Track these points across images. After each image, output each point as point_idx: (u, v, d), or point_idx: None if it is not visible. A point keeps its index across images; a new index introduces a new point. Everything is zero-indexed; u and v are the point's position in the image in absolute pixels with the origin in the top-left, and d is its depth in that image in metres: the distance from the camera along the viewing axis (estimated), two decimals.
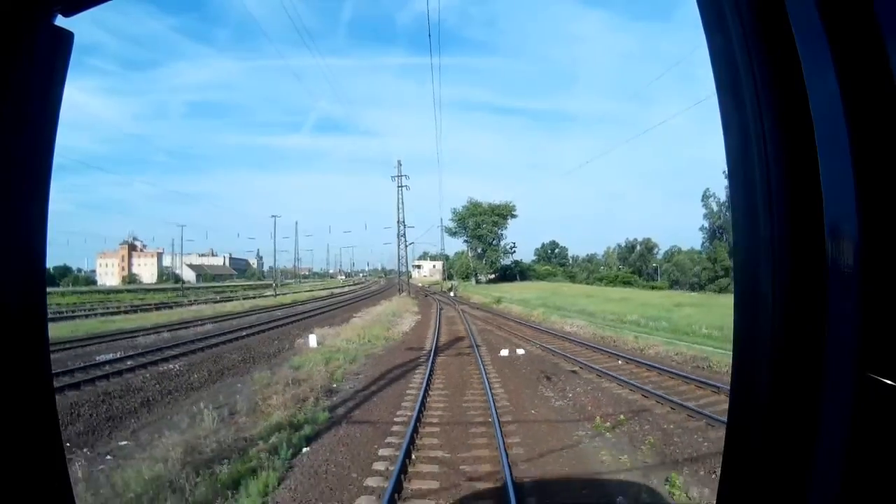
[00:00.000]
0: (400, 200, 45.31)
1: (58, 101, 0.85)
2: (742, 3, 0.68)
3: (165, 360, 12.67)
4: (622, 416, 7.39)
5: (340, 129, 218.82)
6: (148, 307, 33.45)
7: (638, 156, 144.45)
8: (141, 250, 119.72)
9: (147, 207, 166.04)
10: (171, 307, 33.71)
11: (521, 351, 13.47)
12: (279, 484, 5.48)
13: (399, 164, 45.26)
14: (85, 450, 7.41)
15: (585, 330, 18.28)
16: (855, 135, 0.57)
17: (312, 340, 15.86)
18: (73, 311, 28.65)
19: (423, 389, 9.01)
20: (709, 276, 58.63)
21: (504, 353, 13.14)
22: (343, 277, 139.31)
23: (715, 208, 61.17)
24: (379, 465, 5.79)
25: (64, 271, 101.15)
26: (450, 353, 13.75)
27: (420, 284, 77.37)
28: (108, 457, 7.15)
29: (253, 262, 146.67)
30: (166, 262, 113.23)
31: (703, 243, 63.67)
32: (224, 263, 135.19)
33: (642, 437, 6.55)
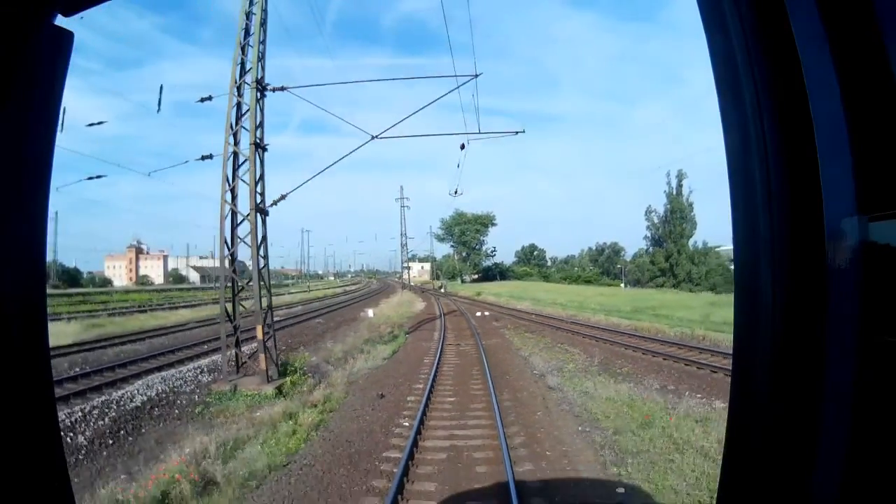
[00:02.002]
0: (403, 218, 57.38)
1: (58, 100, 0.86)
2: (742, 3, 0.67)
3: (308, 319, 24.60)
4: (518, 326, 19.91)
5: (325, 129, 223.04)
6: (217, 301, 44.53)
7: (621, 159, 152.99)
8: (147, 253, 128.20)
9: (133, 206, 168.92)
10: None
11: (487, 313, 25.98)
12: (406, 340, 17.61)
13: (402, 188, 57.31)
14: (319, 342, 19.40)
15: (528, 307, 30.77)
16: (855, 135, 0.57)
17: (370, 313, 27.76)
18: (182, 303, 39.82)
19: (442, 324, 21.22)
20: (649, 276, 72.02)
21: (478, 314, 25.63)
22: (333, 278, 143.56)
23: (656, 220, 74.60)
24: (435, 336, 18.02)
25: (75, 272, 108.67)
26: (450, 316, 26.04)
27: (412, 283, 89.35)
28: (323, 345, 19.20)
29: (248, 263, 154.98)
30: (170, 264, 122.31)
31: (647, 249, 77.09)
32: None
33: (521, 328, 19.09)
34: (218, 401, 10.05)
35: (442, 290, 61.92)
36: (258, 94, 11.55)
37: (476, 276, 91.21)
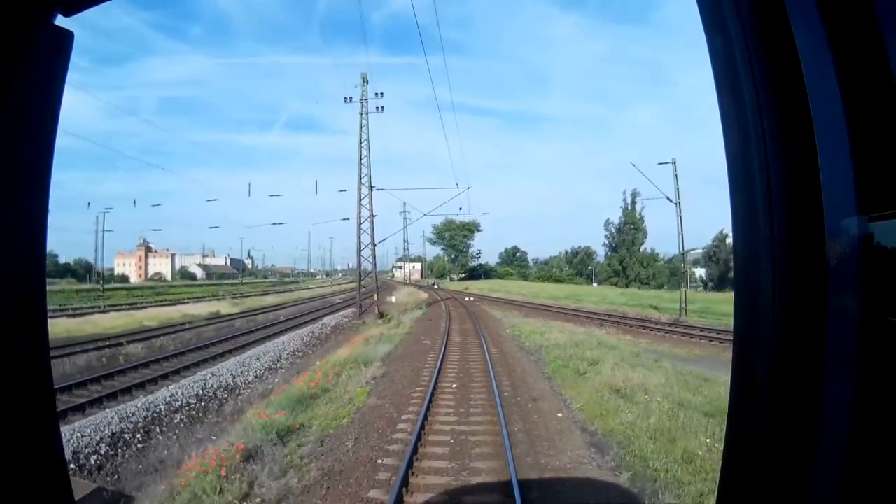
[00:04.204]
0: (405, 228, 71.01)
1: (58, 100, 0.86)
2: (742, 3, 0.67)
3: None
4: (491, 304, 34.29)
5: (313, 127, 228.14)
6: (264, 293, 57.60)
7: (606, 162, 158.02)
8: (155, 252, 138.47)
9: (118, 205, 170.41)
10: (277, 293, 57.93)
11: (472, 298, 40.44)
12: (427, 310, 31.64)
13: (404, 204, 70.92)
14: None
15: (501, 296, 45.02)
16: (855, 135, 0.58)
17: (394, 298, 41.61)
18: (246, 293, 52.76)
19: (446, 306, 35.29)
20: (606, 276, 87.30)
21: (466, 299, 40.02)
22: (323, 277, 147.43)
23: (613, 230, 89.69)
24: (442, 307, 32.13)
25: (88, 268, 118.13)
26: (448, 300, 40.17)
27: (406, 282, 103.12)
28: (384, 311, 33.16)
29: (247, 262, 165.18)
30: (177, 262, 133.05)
31: (606, 254, 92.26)
32: (226, 263, 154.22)
33: (492, 305, 33.51)
34: (359, 326, 23.82)
35: (435, 287, 75.79)
36: (368, 190, 25.43)
37: (463, 276, 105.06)
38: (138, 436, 8.10)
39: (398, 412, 8.36)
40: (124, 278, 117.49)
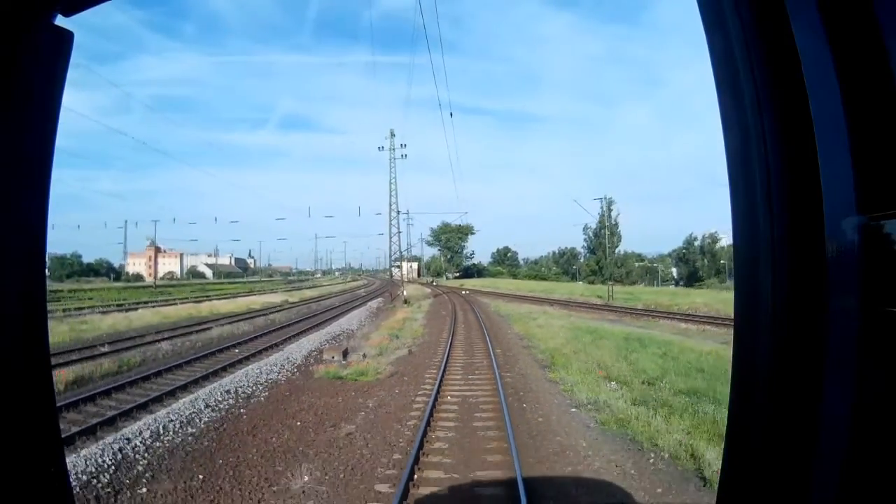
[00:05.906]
0: (408, 233, 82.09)
1: (58, 100, 0.87)
2: (742, 3, 0.68)
3: (379, 294, 49.41)
4: (483, 295, 45.79)
5: (306, 126, 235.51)
6: (293, 289, 68.15)
7: (599, 160, 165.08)
8: (164, 251, 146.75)
9: (107, 203, 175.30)
10: (307, 288, 68.47)
11: (467, 291, 51.89)
12: (434, 300, 42.85)
13: (407, 212, 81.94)
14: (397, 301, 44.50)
15: (491, 290, 56.29)
16: (855, 134, 0.58)
17: (405, 291, 52.73)
18: (279, 289, 63.36)
19: (448, 297, 46.53)
20: (585, 275, 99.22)
21: (463, 292, 51.52)
22: (320, 276, 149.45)
23: (591, 234, 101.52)
24: (445, 298, 43.37)
25: (109, 267, 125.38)
26: (449, 294, 51.47)
27: (407, 280, 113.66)
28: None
29: (250, 261, 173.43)
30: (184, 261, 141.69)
31: (585, 255, 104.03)
32: (230, 263, 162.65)
33: (484, 296, 45.06)
34: (392, 308, 34.93)
35: (434, 284, 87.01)
36: (397, 213, 36.66)
37: (458, 274, 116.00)
38: (333, 340, 19.18)
39: (440, 333, 19.64)
40: (139, 277, 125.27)
